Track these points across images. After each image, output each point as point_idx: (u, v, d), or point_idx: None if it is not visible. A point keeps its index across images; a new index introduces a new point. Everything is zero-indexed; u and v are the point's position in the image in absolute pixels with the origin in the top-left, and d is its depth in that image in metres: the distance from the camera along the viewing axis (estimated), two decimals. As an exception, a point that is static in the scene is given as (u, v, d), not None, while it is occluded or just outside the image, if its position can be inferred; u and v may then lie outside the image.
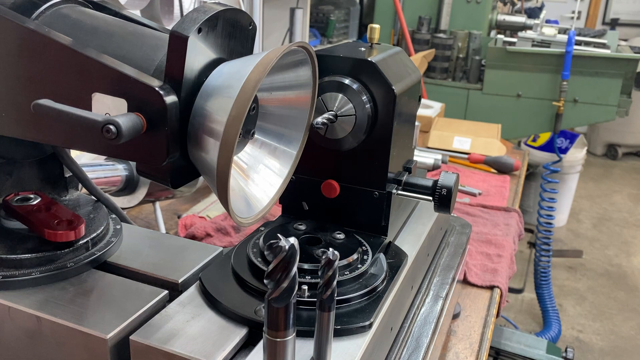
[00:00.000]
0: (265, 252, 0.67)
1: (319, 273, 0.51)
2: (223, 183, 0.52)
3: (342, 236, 0.73)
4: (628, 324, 3.13)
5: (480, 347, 1.02)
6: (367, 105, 0.72)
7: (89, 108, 0.56)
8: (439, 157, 1.83)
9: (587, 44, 2.97)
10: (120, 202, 1.17)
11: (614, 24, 6.70)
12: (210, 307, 0.63)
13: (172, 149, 0.54)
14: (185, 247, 0.75)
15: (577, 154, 3.90)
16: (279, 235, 0.49)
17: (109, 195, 0.90)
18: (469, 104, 3.10)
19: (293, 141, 0.68)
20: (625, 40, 4.38)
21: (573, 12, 6.07)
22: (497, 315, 1.18)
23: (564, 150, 3.86)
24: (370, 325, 0.61)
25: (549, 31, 2.92)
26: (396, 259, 0.75)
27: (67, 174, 0.80)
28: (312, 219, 0.79)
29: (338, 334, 0.59)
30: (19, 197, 0.70)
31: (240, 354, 0.59)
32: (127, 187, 1.15)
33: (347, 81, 0.73)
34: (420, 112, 2.30)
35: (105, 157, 1.11)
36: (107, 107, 0.55)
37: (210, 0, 0.82)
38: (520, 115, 3.00)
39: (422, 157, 1.83)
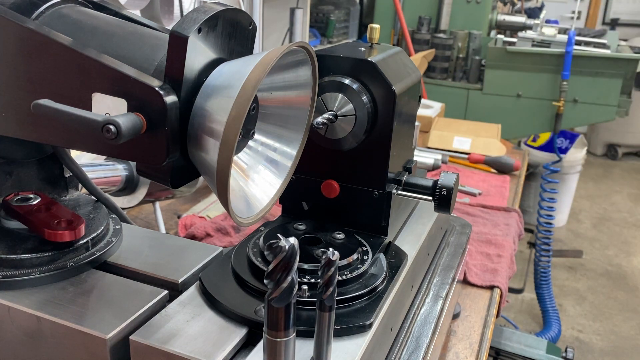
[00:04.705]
0: (265, 252, 0.67)
1: (319, 273, 0.51)
2: (223, 183, 0.52)
3: (342, 236, 0.73)
4: (628, 324, 3.13)
5: (480, 347, 1.02)
6: (367, 105, 0.72)
7: (89, 108, 0.56)
8: (439, 157, 1.83)
9: (587, 44, 2.97)
10: (120, 202, 1.17)
11: (614, 24, 6.70)
12: (210, 307, 0.63)
13: (172, 149, 0.54)
14: (185, 247, 0.75)
15: (577, 154, 3.90)
16: (279, 235, 0.49)
17: (109, 195, 0.90)
18: (469, 104, 3.10)
19: (293, 141, 0.68)
20: (625, 40, 4.37)
21: (573, 12, 6.06)
22: (497, 315, 1.18)
23: (564, 150, 3.86)
24: (370, 325, 0.61)
25: (549, 31, 2.93)
26: (396, 259, 0.75)
27: (67, 174, 0.80)
28: (312, 219, 0.79)
29: (338, 334, 0.59)
30: (19, 197, 0.70)
31: (240, 354, 0.59)
32: (127, 187, 1.15)
33: (347, 81, 0.72)
34: (420, 112, 2.30)
35: (105, 157, 1.11)
36: (107, 107, 0.55)
37: (210, 0, 0.82)
38: (520, 115, 3.00)
39: (422, 157, 1.83)
